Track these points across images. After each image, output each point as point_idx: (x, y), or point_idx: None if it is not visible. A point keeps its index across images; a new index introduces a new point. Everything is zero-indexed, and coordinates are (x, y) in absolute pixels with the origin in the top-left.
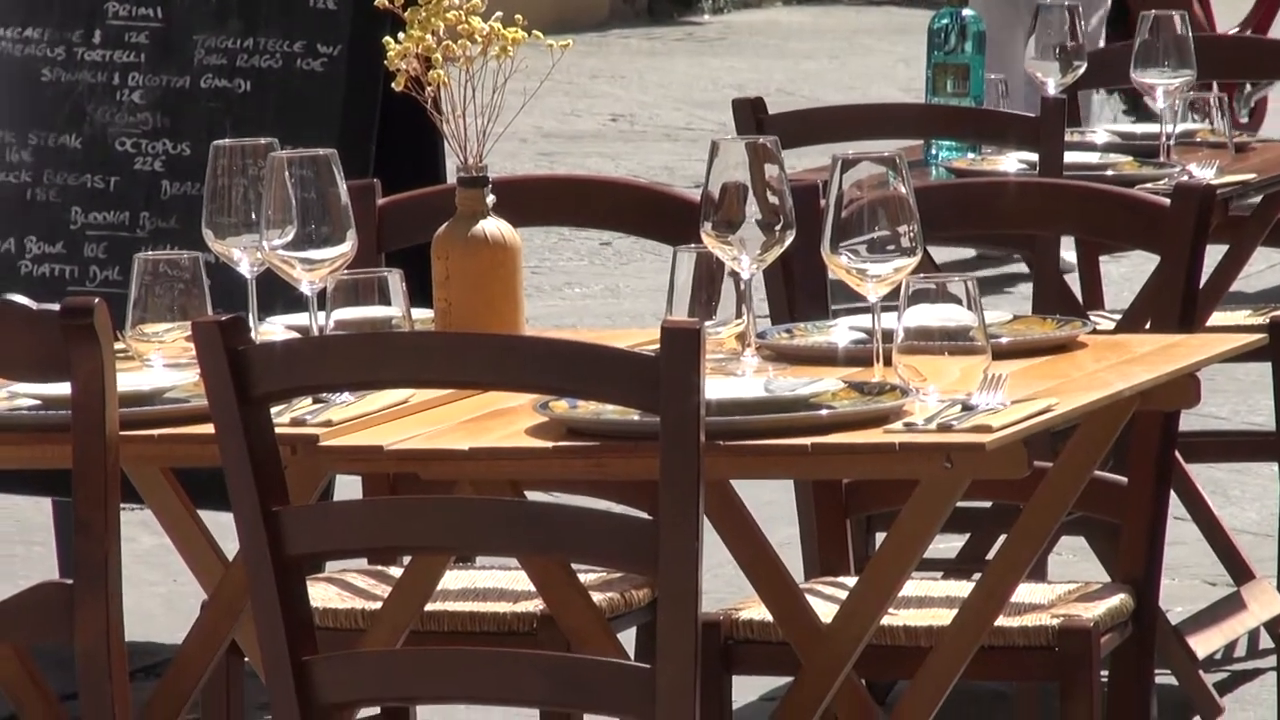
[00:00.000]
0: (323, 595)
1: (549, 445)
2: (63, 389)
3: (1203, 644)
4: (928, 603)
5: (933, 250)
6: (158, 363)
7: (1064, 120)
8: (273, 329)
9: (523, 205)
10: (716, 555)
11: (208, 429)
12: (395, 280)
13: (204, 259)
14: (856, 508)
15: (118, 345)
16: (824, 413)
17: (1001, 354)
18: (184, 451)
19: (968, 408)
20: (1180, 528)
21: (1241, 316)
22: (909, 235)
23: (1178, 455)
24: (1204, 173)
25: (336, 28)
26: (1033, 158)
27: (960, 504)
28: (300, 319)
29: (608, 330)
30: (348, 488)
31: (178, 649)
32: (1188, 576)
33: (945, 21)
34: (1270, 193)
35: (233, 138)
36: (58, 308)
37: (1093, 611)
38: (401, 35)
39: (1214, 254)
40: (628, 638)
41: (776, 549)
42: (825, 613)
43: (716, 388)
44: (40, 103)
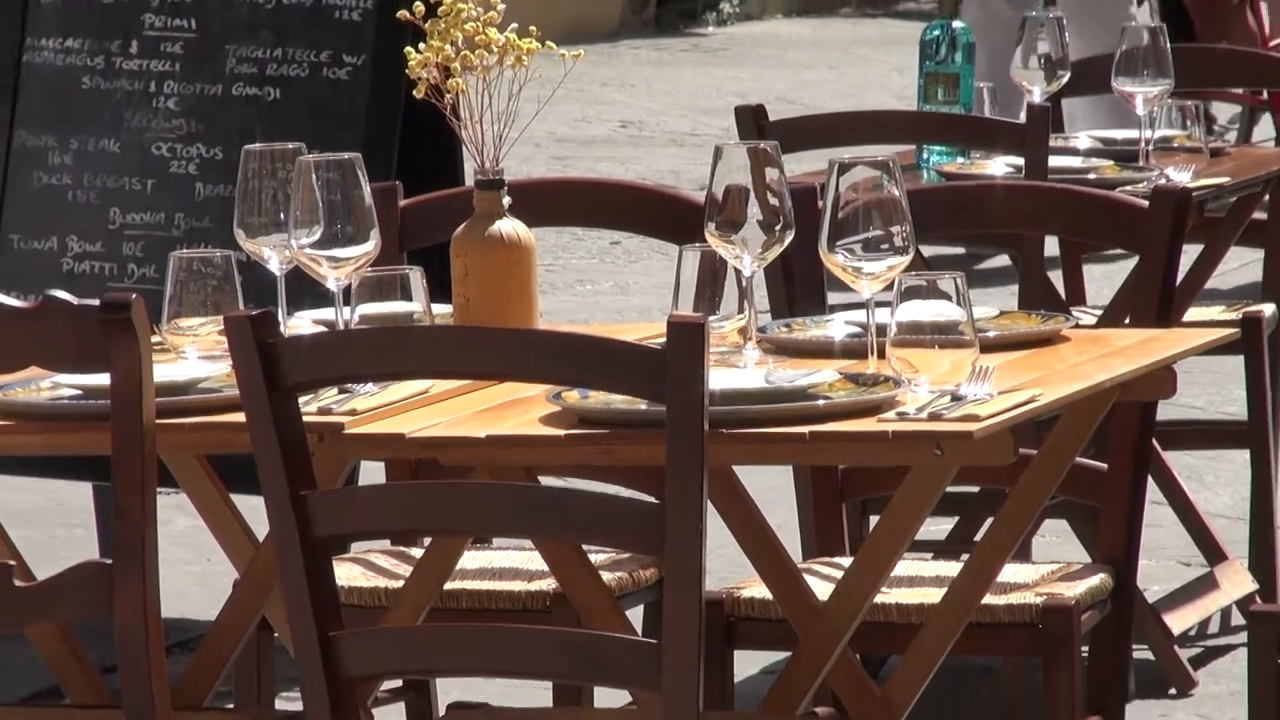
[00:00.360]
0: (348, 574)
1: (561, 433)
2: (102, 380)
3: (1178, 621)
4: (919, 582)
5: (923, 249)
6: (192, 355)
7: (1049, 126)
8: (300, 323)
9: (537, 206)
10: (719, 537)
11: (239, 418)
12: (416, 277)
13: (236, 257)
14: (852, 492)
15: (154, 338)
16: (821, 403)
17: (989, 347)
18: (217, 439)
19: (957, 398)
20: (1157, 511)
21: (1216, 312)
22: (902, 235)
23: (1155, 443)
24: (1181, 176)
25: (361, 38)
26: (1019, 162)
27: (949, 489)
28: (326, 314)
29: (617, 325)
30: (372, 473)
31: (211, 625)
32: (1164, 557)
33: (937, 33)
34: (1243, 195)
35: (263, 142)
36: (98, 303)
37: (1074, 590)
38: (422, 46)
39: (1190, 253)
40: (635, 615)
41: (776, 531)
42: (822, 591)
43: (720, 379)
44: (81, 109)
